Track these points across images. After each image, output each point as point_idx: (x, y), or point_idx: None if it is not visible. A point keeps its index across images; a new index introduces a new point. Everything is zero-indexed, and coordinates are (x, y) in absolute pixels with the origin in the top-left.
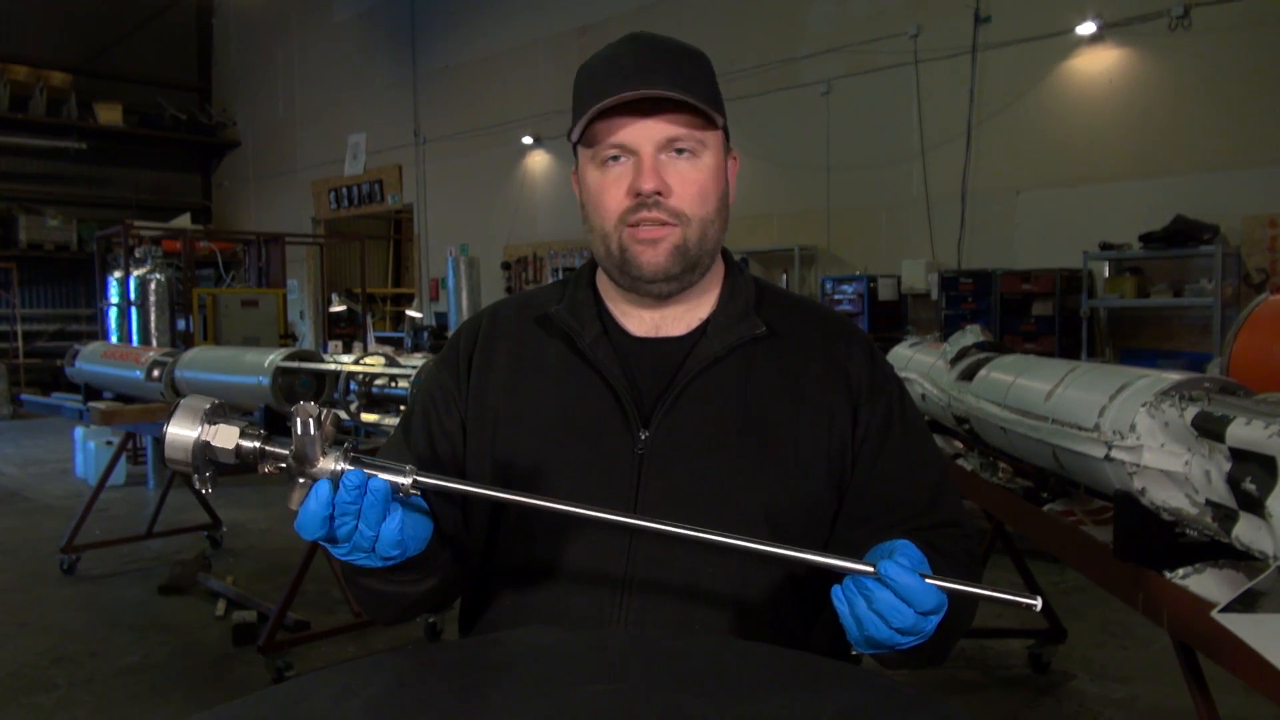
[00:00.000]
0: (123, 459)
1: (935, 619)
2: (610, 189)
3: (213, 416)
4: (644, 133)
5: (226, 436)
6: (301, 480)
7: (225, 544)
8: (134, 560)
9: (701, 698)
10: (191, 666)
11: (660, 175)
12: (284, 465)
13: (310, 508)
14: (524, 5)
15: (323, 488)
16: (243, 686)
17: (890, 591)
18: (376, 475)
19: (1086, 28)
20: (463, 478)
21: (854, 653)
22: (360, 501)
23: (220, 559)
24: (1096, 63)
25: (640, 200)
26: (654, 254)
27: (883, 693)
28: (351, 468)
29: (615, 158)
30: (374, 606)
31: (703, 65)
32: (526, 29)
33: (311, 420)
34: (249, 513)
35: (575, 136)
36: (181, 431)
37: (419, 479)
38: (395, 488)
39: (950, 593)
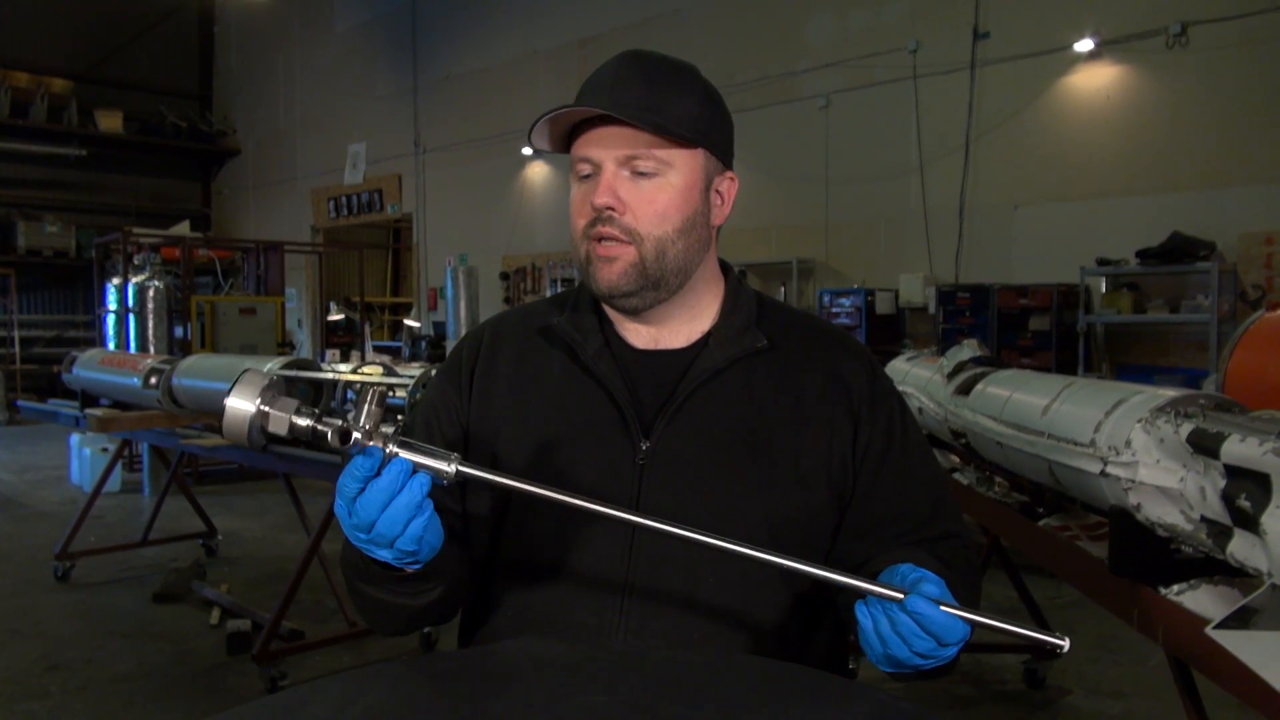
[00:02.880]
0: (118, 466)
1: (959, 648)
2: (578, 201)
3: (271, 391)
4: (604, 148)
5: (283, 411)
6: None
7: (220, 552)
8: (129, 568)
9: (698, 711)
10: (185, 675)
11: (616, 191)
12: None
13: (355, 471)
14: (525, 17)
15: (375, 454)
16: (236, 696)
17: (917, 624)
18: (420, 461)
19: (1085, 44)
20: (474, 494)
21: (851, 665)
22: (399, 491)
23: (215, 567)
24: (1094, 79)
25: (597, 214)
26: (609, 271)
27: (880, 708)
28: (400, 452)
29: (587, 174)
30: (376, 617)
31: (688, 87)
32: (527, 40)
33: (376, 397)
34: (244, 521)
35: (539, 144)
36: (240, 404)
37: (461, 468)
38: (437, 473)
39: (976, 625)
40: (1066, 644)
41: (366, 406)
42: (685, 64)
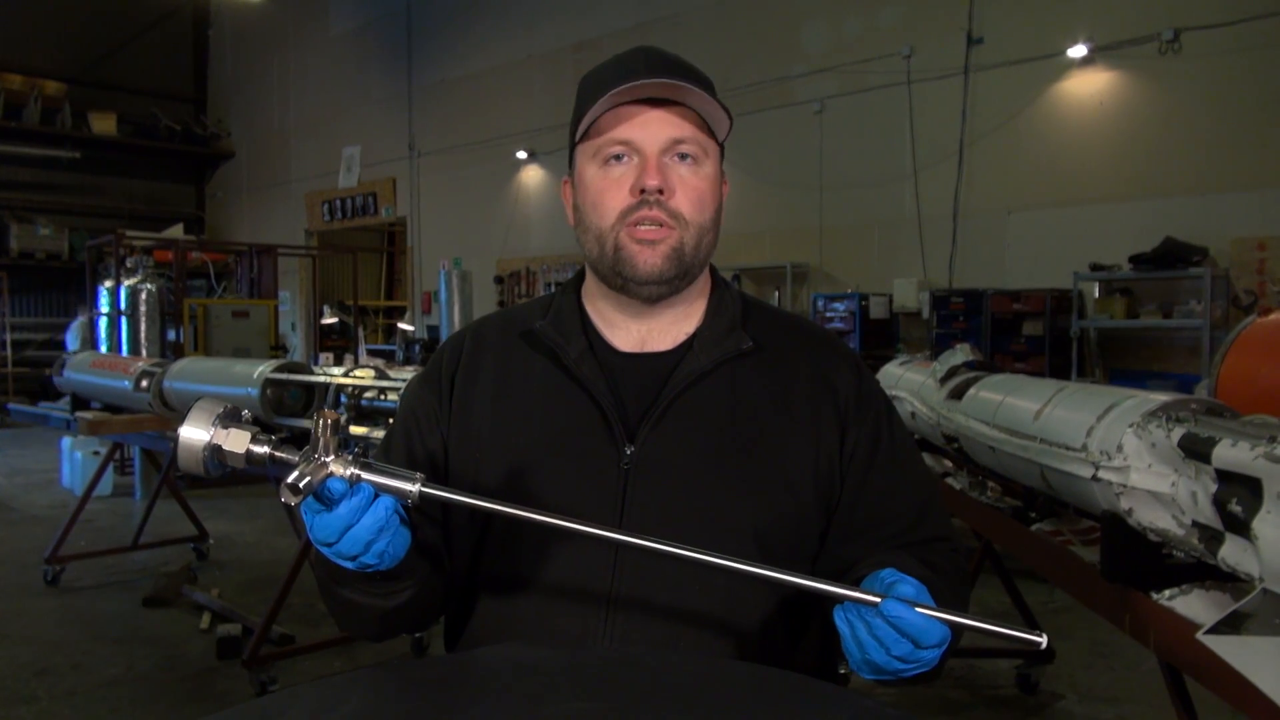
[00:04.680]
0: (110, 469)
1: (940, 651)
2: (611, 188)
3: (226, 420)
4: (651, 129)
5: (238, 441)
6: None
7: (211, 556)
8: (119, 572)
9: (684, 717)
10: (175, 680)
11: (664, 174)
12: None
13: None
14: (519, 21)
15: (335, 486)
16: (226, 701)
17: (893, 627)
18: (383, 483)
19: (1078, 50)
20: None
21: (843, 671)
22: (361, 515)
23: (206, 571)
24: (1088, 85)
25: (643, 198)
26: (651, 255)
27: (869, 714)
28: (363, 475)
29: (618, 157)
30: (347, 618)
31: (709, 83)
32: (522, 45)
33: (330, 425)
34: (236, 525)
35: (581, 130)
36: (194, 434)
37: (424, 490)
38: (399, 495)
39: (953, 625)
40: (1044, 640)
41: (322, 437)
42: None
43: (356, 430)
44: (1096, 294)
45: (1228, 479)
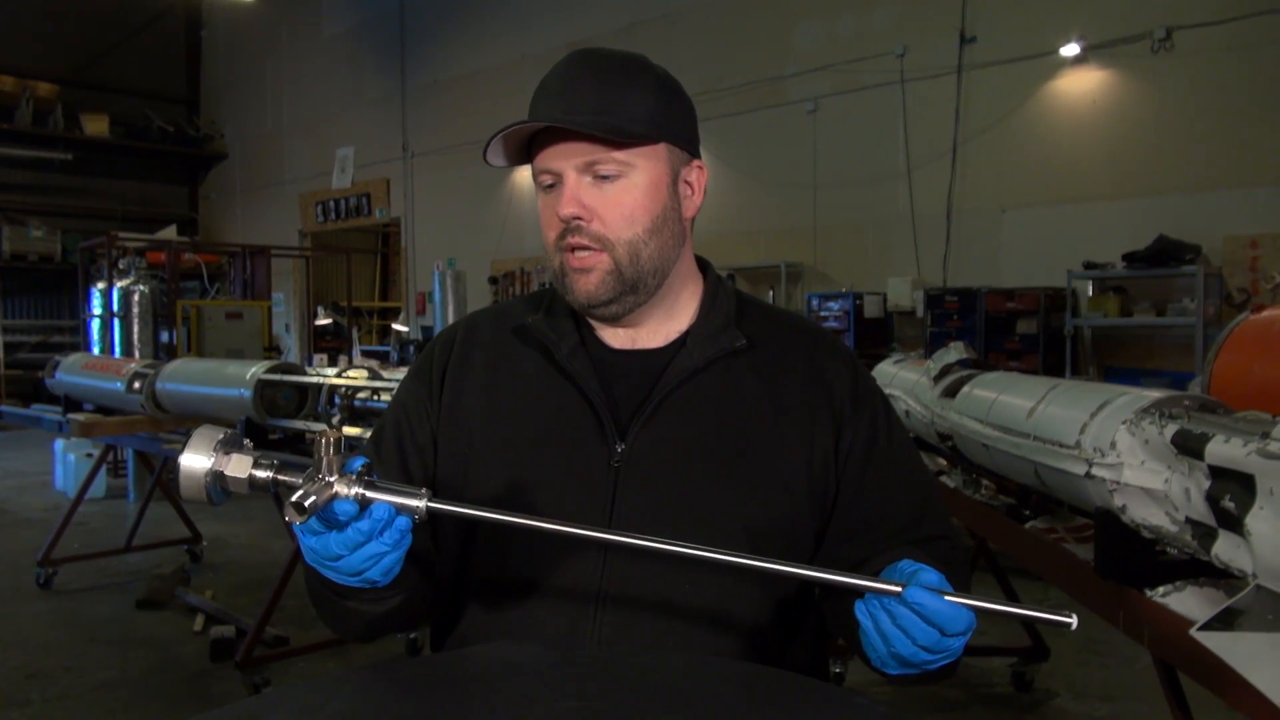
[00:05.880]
0: (103, 472)
1: (965, 639)
2: (547, 214)
3: (227, 446)
4: (563, 157)
5: (240, 466)
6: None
7: (205, 558)
8: (112, 574)
9: (673, 716)
10: (168, 682)
11: (580, 199)
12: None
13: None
14: (513, 22)
15: (343, 508)
16: (220, 703)
17: (917, 615)
18: (391, 502)
19: (1070, 49)
20: (444, 496)
21: (837, 670)
22: (375, 535)
23: (200, 573)
24: (1080, 84)
25: (566, 225)
26: (585, 281)
27: (860, 712)
28: (368, 493)
29: (550, 185)
30: (336, 622)
31: (640, 81)
32: (515, 45)
33: (332, 445)
34: (230, 527)
35: (495, 162)
36: (195, 461)
37: (431, 505)
38: (406, 511)
39: (980, 611)
40: (1074, 620)
41: (325, 456)
42: (635, 57)
43: (350, 431)
44: (1090, 292)
45: (1221, 475)
